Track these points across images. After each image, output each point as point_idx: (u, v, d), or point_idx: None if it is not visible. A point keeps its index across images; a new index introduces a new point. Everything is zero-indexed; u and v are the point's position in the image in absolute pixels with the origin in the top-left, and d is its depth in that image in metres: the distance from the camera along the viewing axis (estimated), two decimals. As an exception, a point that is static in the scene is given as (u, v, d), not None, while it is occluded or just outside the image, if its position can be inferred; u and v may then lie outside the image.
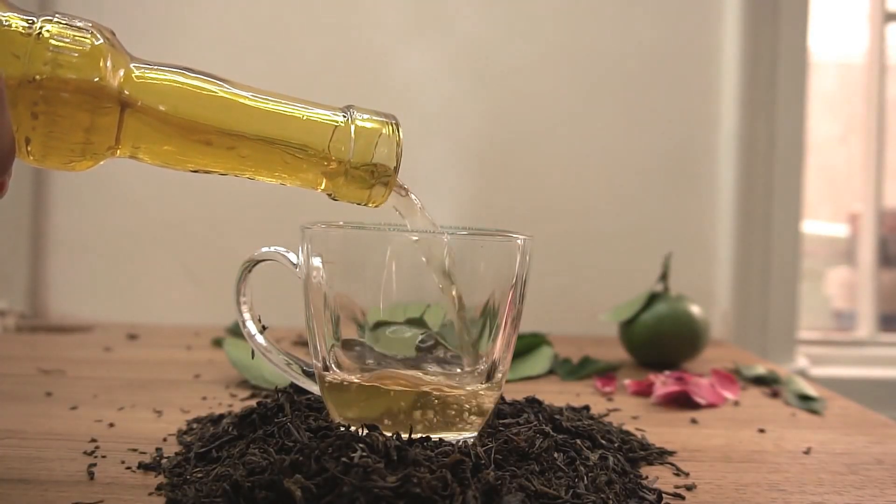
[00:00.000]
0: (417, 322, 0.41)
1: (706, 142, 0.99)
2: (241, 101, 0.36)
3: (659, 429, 0.51)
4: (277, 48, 0.96)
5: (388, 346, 0.40)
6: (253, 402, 0.47)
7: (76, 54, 0.32)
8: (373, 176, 0.38)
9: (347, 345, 0.39)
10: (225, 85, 0.36)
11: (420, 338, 0.40)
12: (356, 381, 0.39)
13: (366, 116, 0.38)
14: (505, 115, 0.97)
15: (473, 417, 0.39)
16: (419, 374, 0.40)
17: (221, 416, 0.47)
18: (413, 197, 0.40)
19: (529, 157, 0.98)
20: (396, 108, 0.98)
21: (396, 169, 0.38)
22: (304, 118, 0.37)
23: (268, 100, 0.37)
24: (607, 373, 0.68)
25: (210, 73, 0.36)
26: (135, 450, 0.43)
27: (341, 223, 0.42)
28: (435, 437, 0.37)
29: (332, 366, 0.39)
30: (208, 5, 0.96)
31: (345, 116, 0.38)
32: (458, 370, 0.40)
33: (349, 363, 0.40)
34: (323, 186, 0.38)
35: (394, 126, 0.38)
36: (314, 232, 0.40)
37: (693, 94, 0.99)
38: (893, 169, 1.24)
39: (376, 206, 0.39)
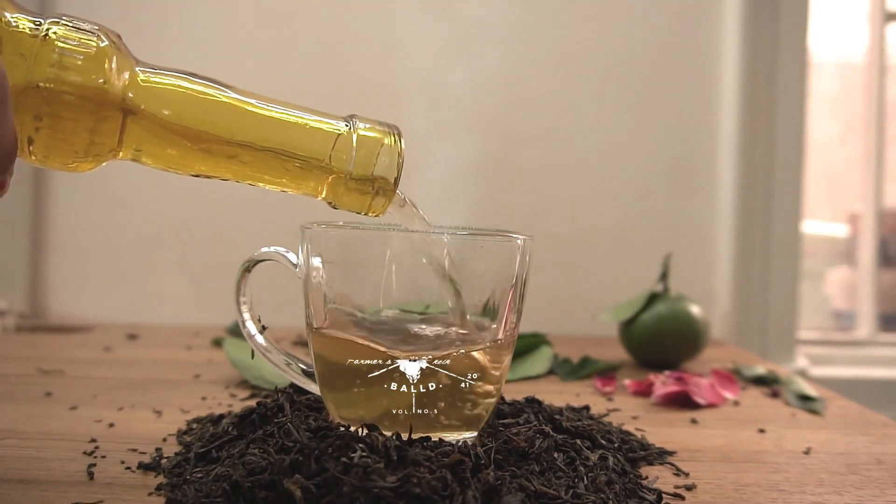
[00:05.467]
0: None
1: (706, 142, 0.99)
2: (245, 107, 0.36)
3: (659, 429, 0.51)
4: (279, 53, 0.96)
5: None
6: (253, 402, 0.48)
7: (81, 56, 0.32)
8: (373, 186, 0.38)
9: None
10: (229, 91, 0.36)
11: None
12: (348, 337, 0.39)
13: (368, 126, 0.38)
14: (505, 115, 0.97)
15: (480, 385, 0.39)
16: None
17: (221, 416, 0.47)
18: (413, 207, 0.40)
19: (530, 157, 0.98)
20: (396, 108, 0.98)
21: (397, 180, 0.38)
22: (307, 126, 0.37)
23: (271, 107, 0.37)
24: (607, 373, 0.68)
25: (214, 78, 0.36)
26: (135, 450, 0.43)
27: (341, 223, 0.43)
28: (435, 437, 0.37)
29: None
30: (210, 9, 0.96)
31: (347, 125, 0.37)
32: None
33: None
34: (324, 195, 0.38)
35: (396, 136, 0.38)
36: (314, 232, 0.40)
37: (693, 94, 0.99)
38: (893, 169, 1.24)
39: (376, 216, 0.39)
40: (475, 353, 0.39)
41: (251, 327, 0.43)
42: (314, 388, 0.42)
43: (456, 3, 0.97)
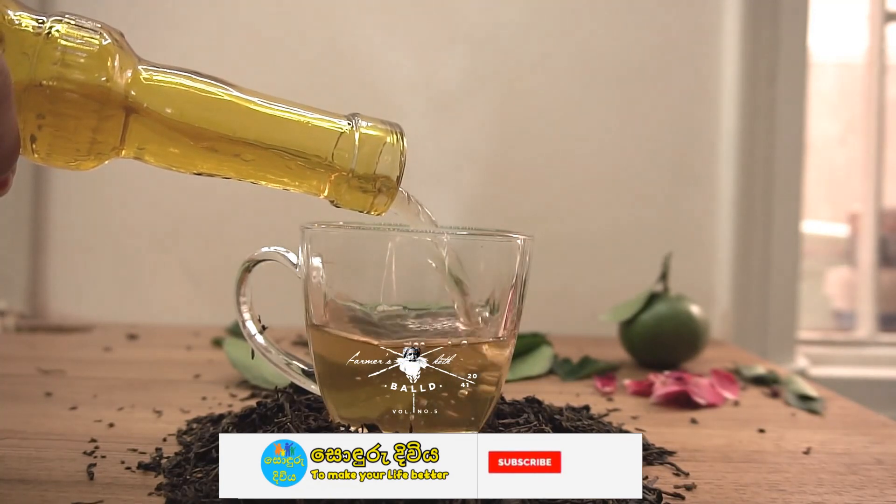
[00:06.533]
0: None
1: (706, 141, 0.99)
2: (247, 105, 0.36)
3: (659, 429, 0.51)
4: (280, 52, 0.96)
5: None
6: (253, 402, 0.48)
7: (84, 54, 0.32)
8: (376, 184, 0.38)
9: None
10: (231, 89, 0.36)
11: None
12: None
13: (370, 124, 0.38)
14: (505, 114, 0.97)
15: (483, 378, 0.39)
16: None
17: (221, 416, 0.47)
18: (416, 205, 0.40)
19: (530, 156, 0.98)
20: (397, 108, 0.98)
21: (399, 178, 0.38)
22: (309, 124, 0.37)
23: (273, 105, 0.37)
24: (607, 373, 0.68)
25: (217, 77, 0.36)
26: (135, 450, 0.43)
27: (341, 223, 0.43)
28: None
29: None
30: (211, 9, 0.96)
31: (349, 123, 0.37)
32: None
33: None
34: (326, 193, 0.38)
35: (398, 135, 0.38)
36: (314, 232, 0.40)
37: (693, 93, 0.99)
38: (893, 169, 1.24)
39: (378, 214, 0.39)
40: (475, 353, 0.39)
41: (251, 327, 0.43)
42: (314, 388, 0.42)
43: (457, 1, 0.97)
